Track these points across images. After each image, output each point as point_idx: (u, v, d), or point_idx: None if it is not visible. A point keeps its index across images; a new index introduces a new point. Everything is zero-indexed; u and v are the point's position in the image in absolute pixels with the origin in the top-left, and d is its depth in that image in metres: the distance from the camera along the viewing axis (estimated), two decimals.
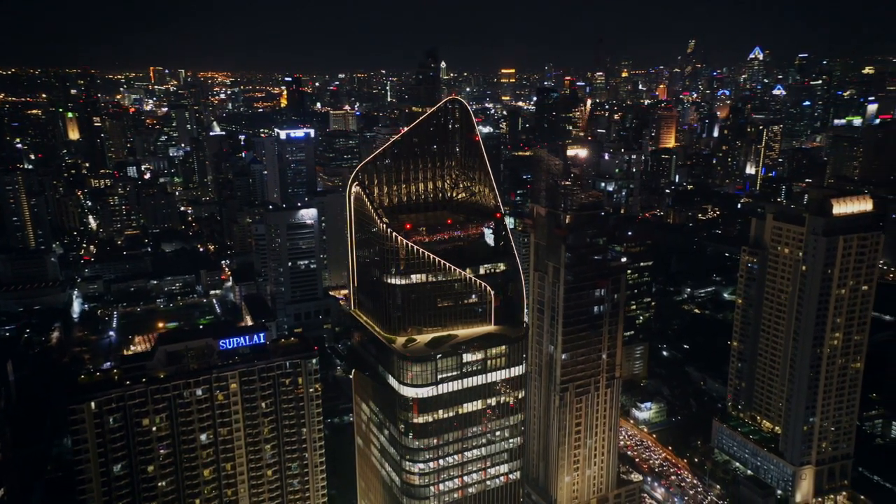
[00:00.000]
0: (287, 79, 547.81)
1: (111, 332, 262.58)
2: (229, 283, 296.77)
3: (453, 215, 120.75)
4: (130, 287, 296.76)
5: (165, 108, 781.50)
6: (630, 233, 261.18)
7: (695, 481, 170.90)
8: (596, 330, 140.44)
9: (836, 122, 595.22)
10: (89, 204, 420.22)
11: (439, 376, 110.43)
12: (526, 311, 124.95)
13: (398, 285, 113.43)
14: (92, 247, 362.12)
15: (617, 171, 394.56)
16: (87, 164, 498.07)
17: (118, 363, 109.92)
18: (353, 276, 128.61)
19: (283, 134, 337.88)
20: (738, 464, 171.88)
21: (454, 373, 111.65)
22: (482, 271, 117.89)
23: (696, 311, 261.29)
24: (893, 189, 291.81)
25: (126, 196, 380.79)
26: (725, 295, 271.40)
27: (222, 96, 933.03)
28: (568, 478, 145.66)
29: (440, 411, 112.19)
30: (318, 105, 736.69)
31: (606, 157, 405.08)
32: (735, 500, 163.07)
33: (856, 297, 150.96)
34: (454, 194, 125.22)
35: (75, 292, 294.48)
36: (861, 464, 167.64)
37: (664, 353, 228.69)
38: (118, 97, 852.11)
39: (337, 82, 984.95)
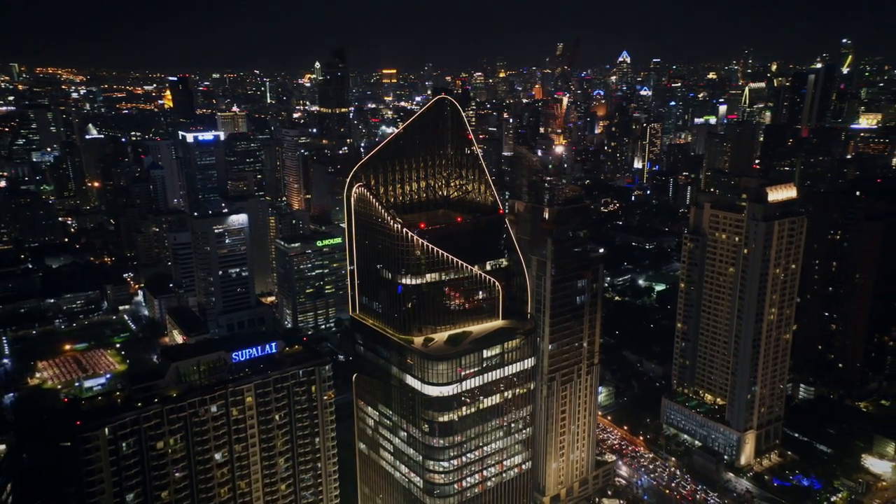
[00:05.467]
0: (172, 78, 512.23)
1: (5, 360, 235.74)
2: (139, 297, 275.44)
3: (458, 213, 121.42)
4: (20, 308, 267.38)
5: (4, 108, 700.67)
6: None
7: (652, 456, 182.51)
8: (578, 319, 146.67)
9: (697, 120, 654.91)
10: None
11: (462, 373, 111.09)
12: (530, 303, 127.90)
13: (413, 285, 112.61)
14: None
15: (550, 166, 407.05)
16: None
17: (128, 384, 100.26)
18: (353, 278, 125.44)
19: (189, 137, 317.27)
20: (686, 436, 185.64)
21: (475, 369, 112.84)
22: (488, 267, 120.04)
23: (618, 298, 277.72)
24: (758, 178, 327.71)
25: None
26: (640, 282, 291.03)
27: (75, 95, 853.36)
28: (555, 464, 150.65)
29: (463, 408, 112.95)
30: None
31: (539, 154, 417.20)
32: (690, 469, 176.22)
33: (787, 276, 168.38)
34: (450, 192, 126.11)
35: None
36: (785, 424, 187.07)
37: (599, 339, 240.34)
38: None
39: (207, 83, 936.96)
